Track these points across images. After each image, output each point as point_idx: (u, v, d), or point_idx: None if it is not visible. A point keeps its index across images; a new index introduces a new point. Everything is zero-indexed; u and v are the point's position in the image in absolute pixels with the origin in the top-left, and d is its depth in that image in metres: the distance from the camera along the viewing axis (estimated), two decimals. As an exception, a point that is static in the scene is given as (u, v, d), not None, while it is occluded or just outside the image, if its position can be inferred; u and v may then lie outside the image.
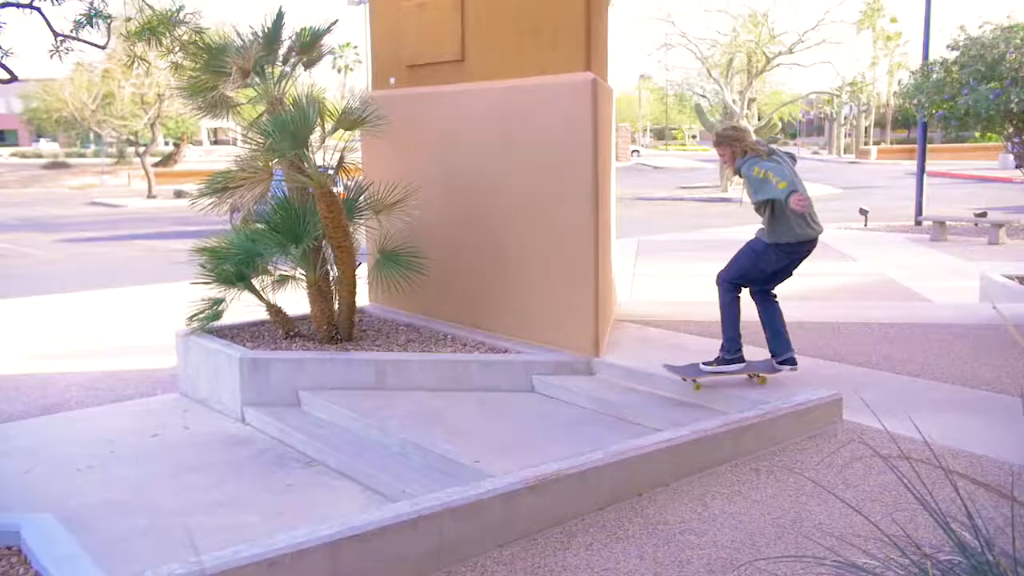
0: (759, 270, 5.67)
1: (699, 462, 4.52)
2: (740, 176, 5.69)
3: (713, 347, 7.10)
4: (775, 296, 5.90)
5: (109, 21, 5.01)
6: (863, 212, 18.25)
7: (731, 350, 5.74)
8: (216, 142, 73.29)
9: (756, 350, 6.15)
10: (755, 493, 4.28)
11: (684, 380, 5.81)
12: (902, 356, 6.76)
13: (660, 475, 4.38)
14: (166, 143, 46.78)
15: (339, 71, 55.03)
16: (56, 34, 4.87)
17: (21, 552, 3.66)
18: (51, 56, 4.86)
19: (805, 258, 5.69)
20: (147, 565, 4.08)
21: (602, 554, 3.72)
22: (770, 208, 5.52)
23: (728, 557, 3.64)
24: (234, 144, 68.46)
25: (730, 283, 5.73)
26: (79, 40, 5.09)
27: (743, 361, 5.78)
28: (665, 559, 3.66)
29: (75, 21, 4.94)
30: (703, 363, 5.84)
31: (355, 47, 39.95)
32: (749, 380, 5.84)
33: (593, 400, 6.07)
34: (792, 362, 5.70)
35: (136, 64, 6.02)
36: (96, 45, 5.07)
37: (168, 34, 5.53)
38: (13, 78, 4.57)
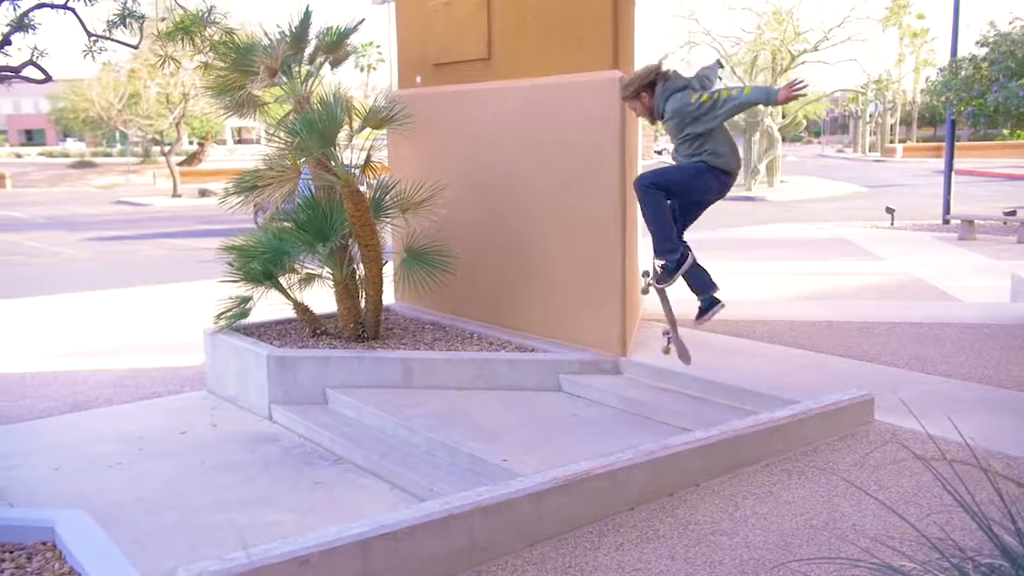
0: (688, 187, 5.16)
1: (729, 462, 4.49)
2: (667, 118, 5.08)
3: (740, 345, 7.07)
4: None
5: (142, 21, 5.04)
6: (890, 211, 18.08)
7: (672, 250, 5.29)
8: (239, 141, 73.76)
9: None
10: (786, 494, 4.24)
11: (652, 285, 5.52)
12: (933, 356, 6.68)
13: (690, 475, 4.35)
14: (190, 142, 47.09)
15: (361, 70, 55.17)
16: (90, 34, 4.90)
17: (56, 547, 3.69)
18: (84, 56, 4.91)
19: (721, 198, 5.33)
20: (178, 562, 4.11)
21: (633, 554, 3.70)
22: (709, 135, 5.03)
23: (760, 558, 3.61)
24: (257, 143, 68.91)
25: (654, 185, 5.13)
26: (112, 40, 5.13)
27: (687, 256, 5.40)
28: (697, 559, 3.63)
29: (109, 21, 4.97)
30: (651, 281, 5.52)
31: (378, 46, 40.07)
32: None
33: (620, 399, 6.05)
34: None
35: (167, 63, 6.06)
36: (128, 45, 5.11)
37: (200, 34, 5.56)
38: (48, 78, 4.61)
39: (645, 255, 6.21)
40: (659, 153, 54.30)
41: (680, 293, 5.61)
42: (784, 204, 26.11)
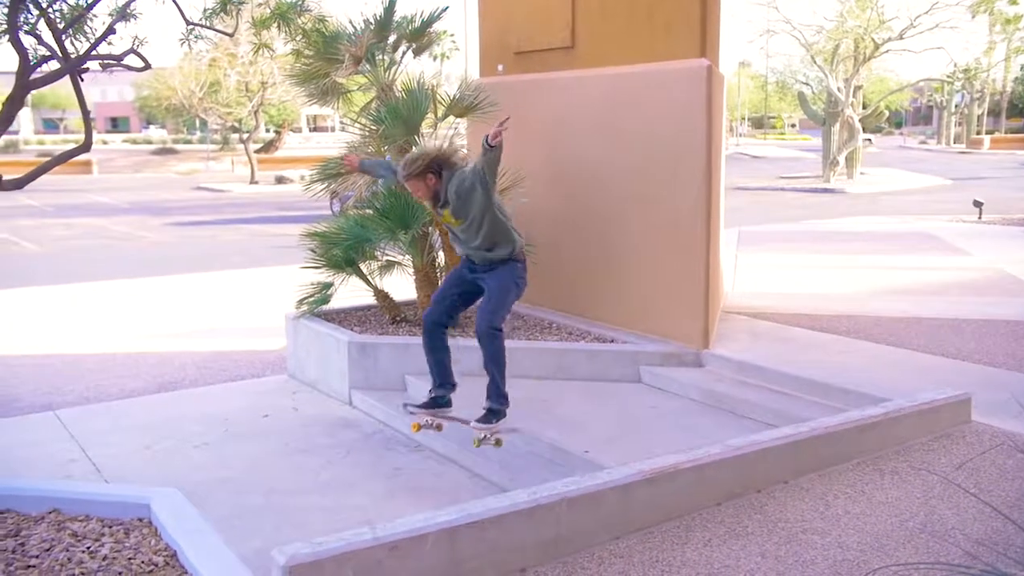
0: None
1: (819, 460, 4.38)
2: (457, 196, 4.74)
3: (824, 340, 6.90)
4: None
5: (238, 9, 5.11)
6: (977, 204, 17.48)
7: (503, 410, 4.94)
8: (314, 129, 74.89)
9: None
10: (879, 494, 4.12)
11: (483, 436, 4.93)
12: (1030, 355, 6.43)
13: (779, 472, 4.26)
14: (267, 130, 47.96)
15: (435, 59, 55.38)
16: (188, 22, 5.00)
17: (151, 524, 3.78)
18: (181, 44, 5.01)
19: None
20: (264, 542, 4.19)
21: (721, 550, 3.63)
22: (496, 219, 4.79)
23: (855, 559, 3.51)
24: (332, 131, 69.84)
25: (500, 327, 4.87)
26: (209, 28, 5.23)
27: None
28: (788, 558, 3.55)
29: (208, 9, 5.06)
30: (477, 421, 4.92)
31: (452, 35, 40.14)
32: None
33: (702, 392, 5.96)
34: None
35: (262, 51, 6.15)
36: (225, 33, 5.21)
37: (294, 21, 5.62)
38: (147, 66, 4.72)
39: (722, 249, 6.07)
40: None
41: (752, 286, 5.46)
42: (865, 196, 25.46)
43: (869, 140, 56.08)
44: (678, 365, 6.34)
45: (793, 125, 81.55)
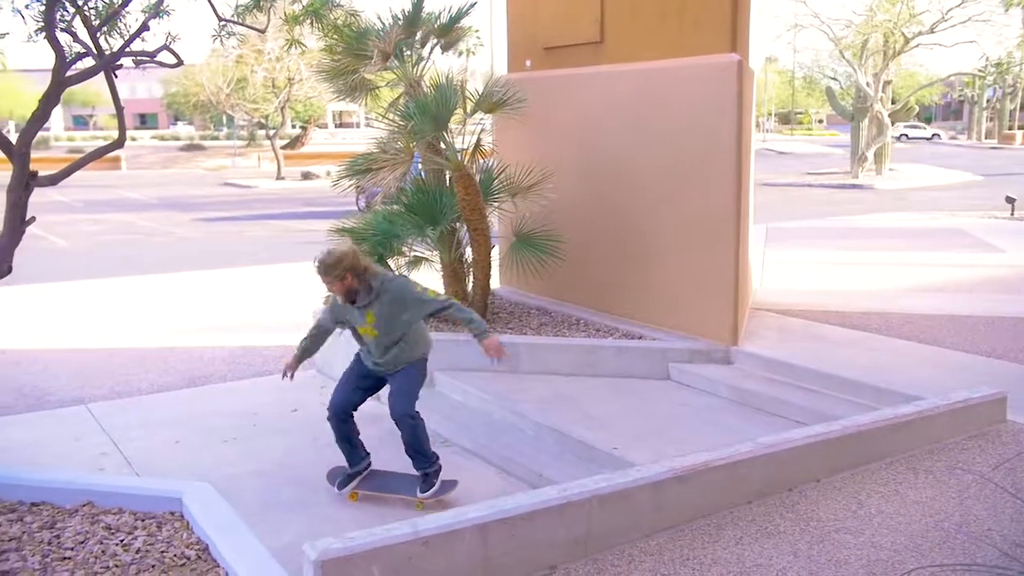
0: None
1: (852, 458, 4.34)
2: (376, 305, 4.65)
3: (855, 338, 6.83)
4: None
5: (271, 5, 5.13)
6: (1010, 200, 17.22)
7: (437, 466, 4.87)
8: (340, 125, 75.15)
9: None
10: (913, 493, 4.07)
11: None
12: (1066, 354, 6.33)
13: (811, 470, 4.22)
14: (293, 126, 48.17)
15: (460, 54, 55.46)
16: (220, 18, 5.02)
17: (183, 518, 3.81)
18: (213, 40, 5.04)
19: None
20: (294, 536, 4.21)
21: (753, 549, 3.60)
22: (411, 339, 4.81)
23: (889, 559, 3.47)
24: (357, 127, 70.02)
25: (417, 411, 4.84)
26: (241, 24, 5.24)
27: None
28: (820, 558, 3.52)
29: (240, 6, 5.08)
30: (423, 494, 4.79)
31: (477, 31, 40.14)
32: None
33: (731, 390, 5.92)
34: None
35: (292, 47, 6.17)
36: (257, 29, 5.22)
37: (327, 17, 5.64)
38: (180, 62, 4.75)
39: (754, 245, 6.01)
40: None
41: (780, 283, 5.42)
42: (894, 192, 25.19)
43: (920, 127, 54.49)
44: (707, 362, 6.30)
45: (820, 121, 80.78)
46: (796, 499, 4.05)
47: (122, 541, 3.62)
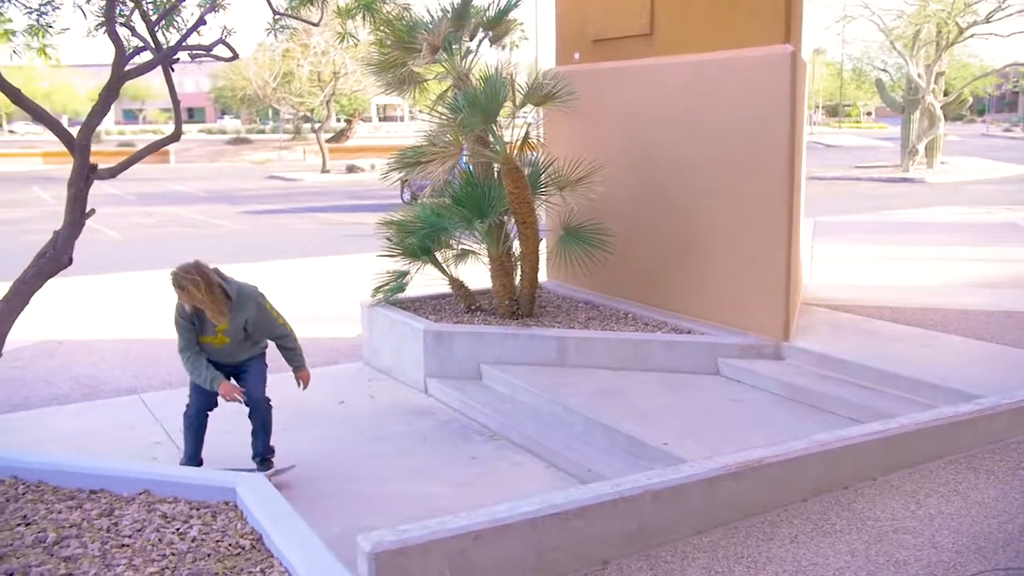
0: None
1: (910, 457, 4.25)
2: (243, 333, 5.09)
3: (910, 334, 6.70)
4: None
5: (325, -1, 5.15)
6: (1067, 194, 16.79)
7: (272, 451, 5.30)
8: (384, 119, 75.56)
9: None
10: (975, 494, 3.98)
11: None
12: None
13: (867, 468, 4.14)
14: (338, 120, 48.51)
15: (504, 48, 55.41)
16: (275, 12, 5.06)
17: (237, 507, 3.84)
18: (268, 34, 5.09)
19: None
20: (343, 528, 4.24)
21: (808, 547, 3.55)
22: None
23: (950, 561, 3.40)
24: (400, 121, 70.31)
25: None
26: (295, 18, 5.27)
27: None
28: (878, 558, 3.46)
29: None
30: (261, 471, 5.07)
31: (521, 24, 40.17)
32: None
33: (782, 385, 5.85)
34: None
35: (345, 40, 6.21)
36: (310, 23, 5.24)
37: (379, 10, 5.66)
38: (235, 56, 4.79)
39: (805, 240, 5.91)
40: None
41: (831, 278, 5.33)
42: (946, 186, 24.67)
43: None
44: (757, 357, 6.23)
45: (869, 113, 79.48)
46: (852, 497, 3.98)
47: (178, 530, 3.66)
